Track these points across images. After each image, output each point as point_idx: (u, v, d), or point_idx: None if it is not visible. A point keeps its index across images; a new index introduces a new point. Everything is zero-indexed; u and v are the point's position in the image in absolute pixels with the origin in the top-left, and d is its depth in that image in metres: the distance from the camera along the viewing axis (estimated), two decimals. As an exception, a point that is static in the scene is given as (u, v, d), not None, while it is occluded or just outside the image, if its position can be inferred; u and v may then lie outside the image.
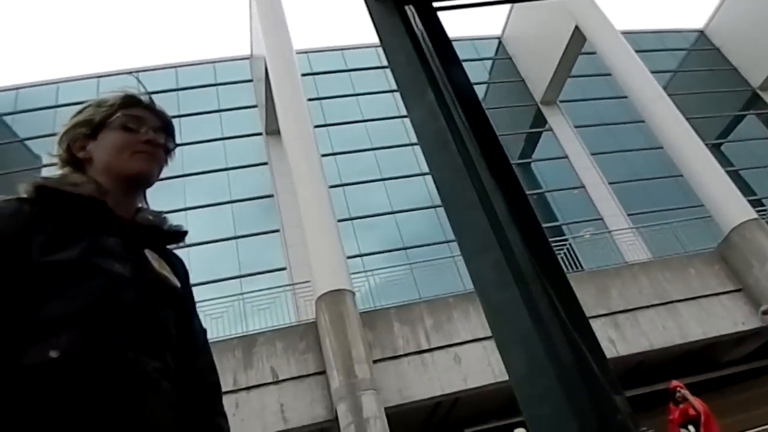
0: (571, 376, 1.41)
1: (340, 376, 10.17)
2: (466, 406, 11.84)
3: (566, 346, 1.41)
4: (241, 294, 12.88)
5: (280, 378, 10.58)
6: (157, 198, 1.30)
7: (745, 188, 16.56)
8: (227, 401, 10.17)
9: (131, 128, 1.21)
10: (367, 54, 19.08)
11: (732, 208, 13.20)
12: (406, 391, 10.72)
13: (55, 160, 1.22)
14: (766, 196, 17.51)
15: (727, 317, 12.18)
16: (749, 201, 14.01)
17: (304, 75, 15.48)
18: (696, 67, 21.67)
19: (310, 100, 15.27)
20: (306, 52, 18.45)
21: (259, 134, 17.13)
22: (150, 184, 1.25)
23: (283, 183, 15.06)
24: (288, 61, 14.41)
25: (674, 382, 8.65)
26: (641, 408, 11.38)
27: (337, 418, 10.02)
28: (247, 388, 10.38)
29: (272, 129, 16.11)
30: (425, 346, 11.17)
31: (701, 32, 22.39)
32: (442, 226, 14.56)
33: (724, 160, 17.06)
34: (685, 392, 8.14)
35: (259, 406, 10.27)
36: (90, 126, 1.21)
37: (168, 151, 1.26)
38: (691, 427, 7.83)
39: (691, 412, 7.93)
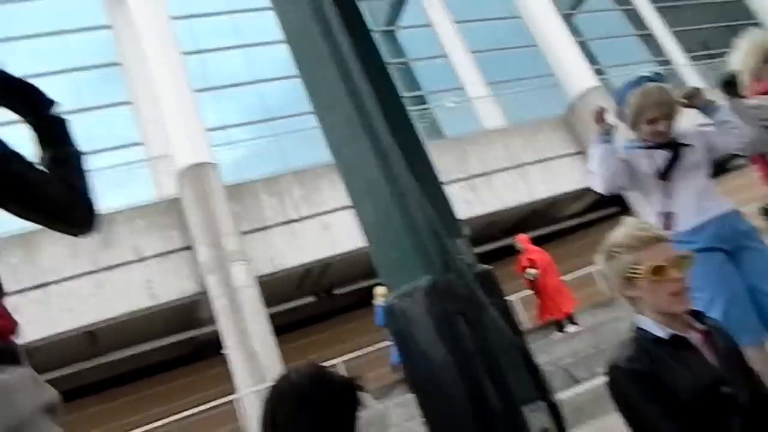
0: (417, 222, 1.49)
1: (208, 249, 10.10)
2: (335, 271, 12.42)
3: (413, 195, 1.47)
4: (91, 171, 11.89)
5: (145, 256, 10.29)
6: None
7: (591, 58, 17.69)
8: (88, 282, 9.61)
9: None
10: None
11: (578, 75, 14.15)
12: (278, 260, 10.96)
13: None
14: (609, 65, 18.88)
15: (569, 176, 13.50)
16: (594, 70, 15.08)
17: None
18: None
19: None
20: None
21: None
22: None
23: (132, 50, 13.59)
24: None
25: (519, 236, 9.84)
26: (495, 259, 12.66)
27: (207, 291, 10.10)
28: (110, 268, 10.01)
29: (112, -14, 14.18)
30: (294, 216, 11.31)
31: None
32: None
33: (574, 31, 17.93)
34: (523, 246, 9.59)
35: (123, 284, 10.00)
36: None
37: None
38: (530, 270, 9.37)
39: (524, 263, 9.49)
